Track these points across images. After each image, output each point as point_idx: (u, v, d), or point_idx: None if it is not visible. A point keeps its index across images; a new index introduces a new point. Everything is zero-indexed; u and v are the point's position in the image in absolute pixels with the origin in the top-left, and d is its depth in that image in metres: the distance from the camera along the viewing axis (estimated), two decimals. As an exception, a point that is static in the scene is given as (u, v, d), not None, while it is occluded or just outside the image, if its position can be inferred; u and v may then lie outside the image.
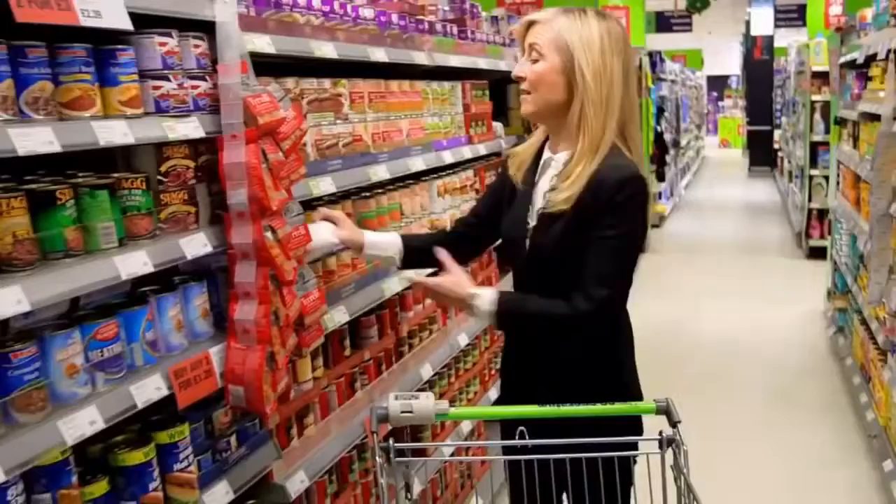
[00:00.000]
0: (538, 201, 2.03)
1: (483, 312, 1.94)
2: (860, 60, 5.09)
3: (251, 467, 2.08)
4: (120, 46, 1.65)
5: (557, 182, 1.97)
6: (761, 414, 4.89)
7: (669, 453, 1.74)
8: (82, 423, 1.53)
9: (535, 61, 1.96)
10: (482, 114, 3.81)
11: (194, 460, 1.86)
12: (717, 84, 29.98)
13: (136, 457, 1.70)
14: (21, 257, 1.44)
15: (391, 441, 1.78)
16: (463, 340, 3.52)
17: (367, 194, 2.84)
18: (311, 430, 2.42)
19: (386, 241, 2.25)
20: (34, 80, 1.48)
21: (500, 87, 4.22)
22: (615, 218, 1.86)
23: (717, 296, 7.69)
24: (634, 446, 1.84)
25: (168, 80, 1.75)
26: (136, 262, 1.65)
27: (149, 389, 1.70)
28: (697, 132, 19.90)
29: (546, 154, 2.08)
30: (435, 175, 3.36)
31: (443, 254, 2.04)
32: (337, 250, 2.43)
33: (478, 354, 3.79)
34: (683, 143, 14.98)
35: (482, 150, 3.73)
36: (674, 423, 1.76)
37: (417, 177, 3.22)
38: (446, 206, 3.38)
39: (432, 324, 3.30)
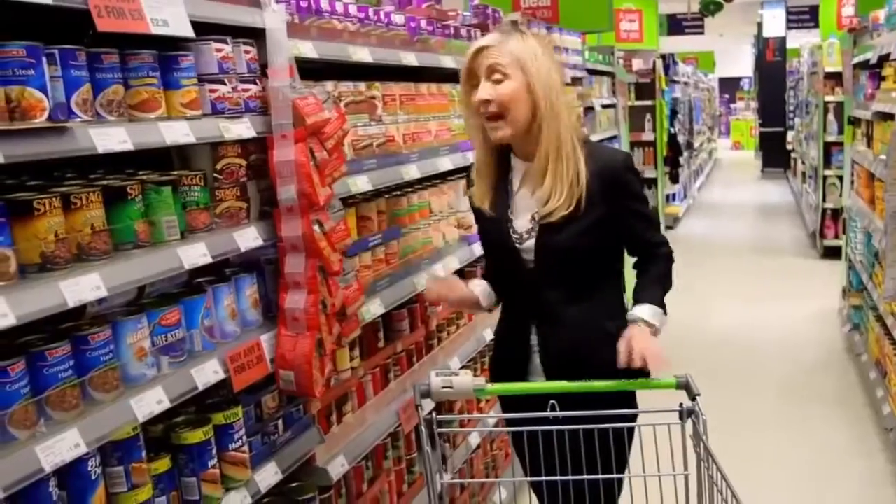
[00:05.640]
0: (527, 207, 2.12)
1: (660, 323, 2.10)
2: (873, 61, 5.17)
3: (297, 450, 2.19)
4: (182, 52, 1.77)
5: (547, 194, 2.06)
6: (779, 409, 4.96)
7: (689, 424, 1.90)
8: (151, 401, 1.65)
9: (499, 82, 2.00)
10: (504, 116, 3.91)
11: (246, 441, 1.97)
12: (729, 86, 29.96)
13: (196, 436, 1.81)
14: (98, 247, 1.56)
15: (434, 414, 1.93)
16: (488, 335, 3.62)
17: (399, 192, 2.96)
18: (350, 417, 2.53)
19: (485, 290, 2.31)
20: (109, 84, 1.60)
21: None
22: (636, 187, 2.16)
23: (732, 296, 7.76)
24: (634, 418, 2.04)
25: (223, 83, 1.88)
26: (196, 253, 1.77)
27: (208, 373, 1.82)
28: (710, 134, 19.92)
29: (520, 164, 2.15)
30: (460, 175, 3.48)
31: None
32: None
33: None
34: (696, 144, 15.02)
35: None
36: (693, 397, 1.94)
37: (444, 176, 3.34)
38: (471, 205, 3.49)
39: (459, 318, 3.41)
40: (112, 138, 1.54)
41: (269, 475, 2.05)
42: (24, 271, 1.44)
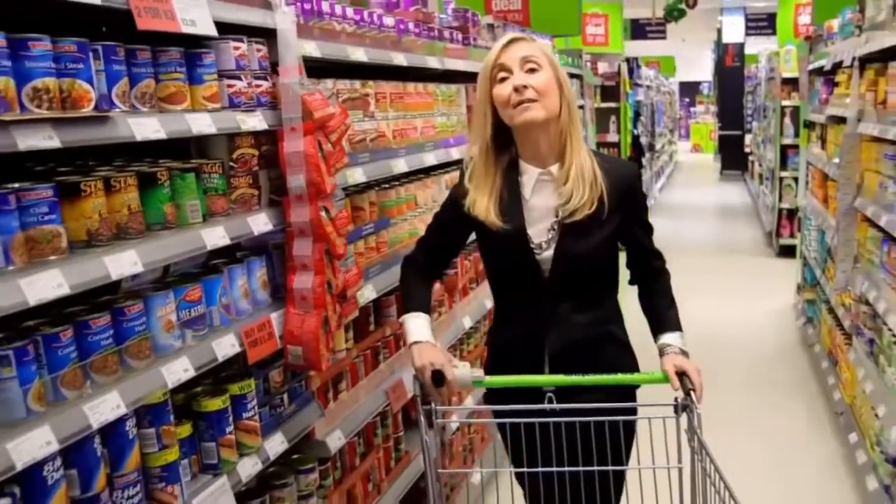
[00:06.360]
0: (544, 216, 2.10)
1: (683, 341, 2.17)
2: (828, 67, 5.47)
3: (299, 423, 2.35)
4: (204, 50, 1.92)
5: (569, 191, 2.06)
6: (739, 401, 5.21)
7: (683, 418, 1.96)
8: (178, 370, 1.80)
9: (533, 71, 2.04)
10: (482, 114, 4.10)
11: (258, 412, 2.12)
12: (690, 90, 30.62)
13: (215, 403, 1.96)
14: (134, 227, 1.70)
15: (433, 404, 1.96)
16: (467, 323, 3.81)
17: (388, 186, 3.12)
18: (344, 395, 2.69)
19: (429, 324, 2.19)
20: (142, 78, 1.75)
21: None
22: (643, 198, 2.24)
23: (693, 293, 8.01)
24: (630, 412, 2.06)
25: (240, 79, 2.03)
26: (216, 235, 1.92)
27: (226, 346, 1.97)
28: (670, 137, 20.39)
29: (532, 170, 2.11)
30: (442, 170, 3.66)
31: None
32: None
33: (479, 337, 4.08)
34: (658, 147, 15.41)
35: (483, 147, 4.02)
36: (687, 391, 1.99)
37: (428, 171, 3.51)
38: (453, 199, 3.67)
39: (441, 306, 3.58)
40: (147, 127, 1.69)
41: (276, 444, 2.20)
42: (73, 247, 1.58)
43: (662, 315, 2.22)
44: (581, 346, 2.14)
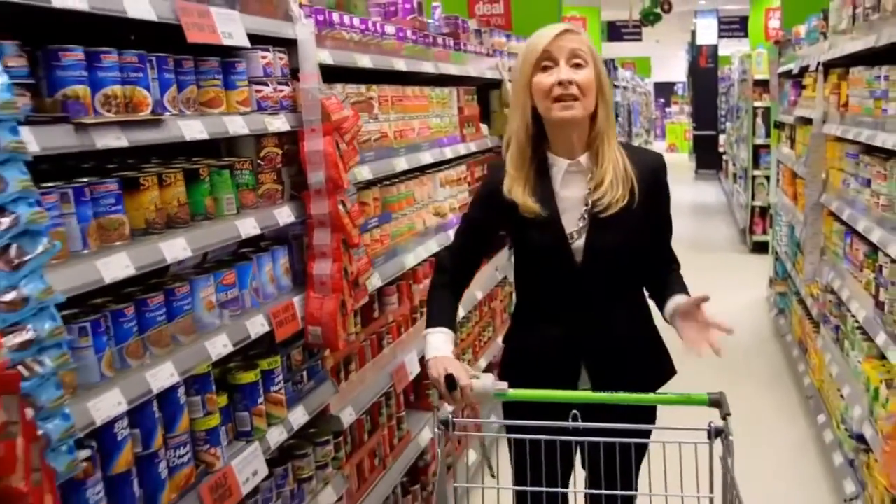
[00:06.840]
0: (574, 206, 2.10)
1: None
2: (795, 71, 5.77)
3: (317, 398, 2.57)
4: (237, 59, 2.14)
5: (604, 192, 2.05)
6: (716, 388, 5.44)
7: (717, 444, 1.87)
8: (218, 345, 2.01)
9: (579, 66, 2.00)
10: (472, 116, 4.35)
11: (283, 386, 2.34)
12: (665, 90, 31.09)
13: (248, 377, 2.18)
14: (182, 217, 1.92)
15: (451, 415, 1.92)
16: (459, 313, 4.03)
17: (389, 183, 3.35)
18: (354, 376, 2.92)
19: (450, 340, 2.13)
20: (187, 85, 1.96)
21: (482, 92, 4.77)
22: (667, 189, 2.20)
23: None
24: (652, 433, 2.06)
25: (267, 85, 2.25)
26: (249, 226, 2.14)
27: (257, 325, 2.19)
28: (647, 136, 20.77)
29: (560, 162, 2.10)
30: (437, 168, 3.89)
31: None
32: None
33: (471, 327, 4.32)
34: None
35: (473, 147, 4.27)
36: (724, 416, 1.89)
37: (423, 169, 3.74)
38: (446, 195, 3.92)
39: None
40: (194, 129, 1.91)
41: (299, 416, 2.42)
42: (133, 234, 1.79)
43: (675, 286, 2.20)
44: (620, 344, 2.14)
